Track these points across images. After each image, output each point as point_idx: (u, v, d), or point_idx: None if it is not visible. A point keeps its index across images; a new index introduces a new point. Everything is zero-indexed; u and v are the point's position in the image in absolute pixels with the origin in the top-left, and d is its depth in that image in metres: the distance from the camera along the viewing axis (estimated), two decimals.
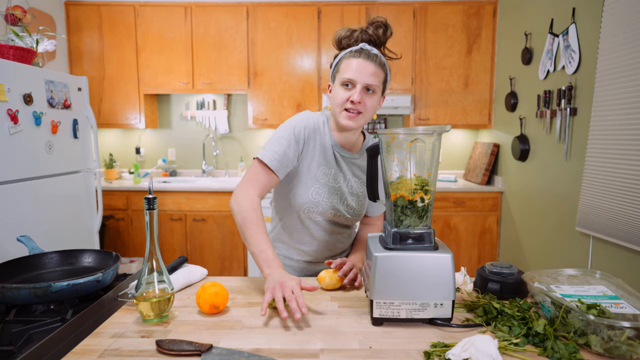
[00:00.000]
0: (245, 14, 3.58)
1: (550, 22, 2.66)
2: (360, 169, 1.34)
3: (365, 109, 1.17)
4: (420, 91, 3.63)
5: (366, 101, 1.17)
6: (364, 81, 1.14)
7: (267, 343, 0.88)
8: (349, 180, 1.31)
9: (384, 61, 1.18)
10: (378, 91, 1.18)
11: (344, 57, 1.17)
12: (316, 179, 1.26)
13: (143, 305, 0.96)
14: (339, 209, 1.30)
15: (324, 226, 1.32)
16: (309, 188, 1.26)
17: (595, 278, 1.03)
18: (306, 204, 1.26)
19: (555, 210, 2.63)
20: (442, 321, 0.95)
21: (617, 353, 0.79)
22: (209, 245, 3.51)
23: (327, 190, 1.27)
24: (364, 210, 1.38)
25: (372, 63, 1.14)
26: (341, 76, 1.17)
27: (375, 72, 1.14)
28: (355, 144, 1.32)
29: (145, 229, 0.96)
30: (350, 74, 1.14)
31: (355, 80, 1.14)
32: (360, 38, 1.17)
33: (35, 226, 2.28)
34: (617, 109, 2.03)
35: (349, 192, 1.31)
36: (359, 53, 1.15)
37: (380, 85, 1.18)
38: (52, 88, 2.42)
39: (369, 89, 1.16)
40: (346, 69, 1.15)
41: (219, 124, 4.00)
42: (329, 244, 1.36)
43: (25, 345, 0.84)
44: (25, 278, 1.13)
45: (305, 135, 1.24)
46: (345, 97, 1.16)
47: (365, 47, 1.15)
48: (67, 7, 3.61)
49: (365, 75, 1.14)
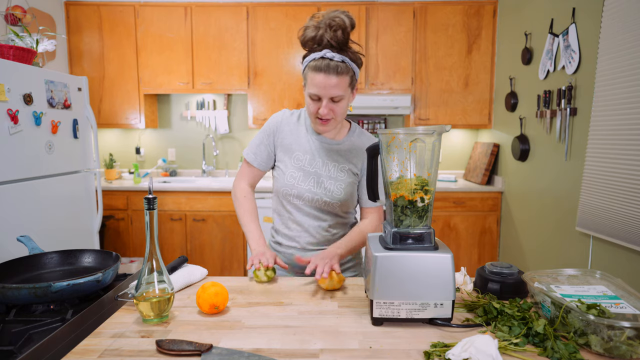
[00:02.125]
0: (245, 14, 3.58)
1: (550, 22, 2.66)
2: (341, 155, 1.38)
3: (335, 115, 1.26)
4: (420, 91, 3.63)
5: (335, 109, 1.25)
6: (328, 95, 1.22)
7: (267, 343, 0.88)
8: (327, 164, 1.37)
9: (347, 64, 1.22)
10: (346, 94, 1.25)
11: (309, 67, 1.23)
12: (290, 164, 1.37)
13: (143, 305, 0.96)
14: (316, 192, 1.36)
15: (306, 211, 1.39)
16: (284, 173, 1.37)
17: (595, 278, 1.03)
18: (282, 187, 1.38)
19: (555, 210, 2.63)
20: (442, 321, 0.95)
21: (617, 353, 0.79)
22: (209, 245, 3.51)
23: (302, 175, 1.36)
24: (347, 197, 1.38)
25: (334, 75, 1.20)
26: (308, 89, 1.25)
27: (338, 83, 1.21)
28: (338, 133, 1.40)
29: (145, 229, 0.96)
30: (315, 89, 1.22)
31: (320, 95, 1.22)
32: (323, 40, 1.20)
33: (35, 226, 2.28)
34: (617, 109, 2.03)
35: (327, 176, 1.36)
36: (321, 68, 1.19)
37: (346, 89, 1.24)
38: (52, 88, 2.42)
39: (335, 99, 1.23)
40: (311, 84, 1.23)
41: (219, 124, 4.00)
42: (315, 231, 1.40)
43: (25, 345, 0.84)
44: (25, 278, 1.13)
45: (275, 127, 1.39)
46: (314, 109, 1.26)
47: (327, 55, 1.20)
48: (67, 7, 3.61)
49: (329, 90, 1.21)
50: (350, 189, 1.38)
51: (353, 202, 1.44)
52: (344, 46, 1.22)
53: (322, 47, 1.21)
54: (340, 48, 1.22)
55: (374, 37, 3.57)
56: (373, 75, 3.62)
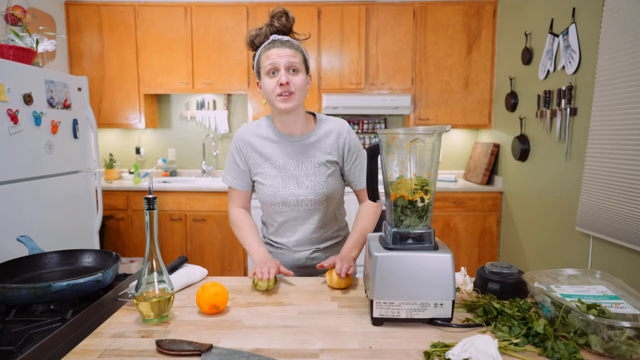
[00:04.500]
0: (245, 14, 3.58)
1: (550, 22, 2.66)
2: (314, 148, 1.36)
3: (295, 88, 1.26)
4: (420, 91, 3.63)
5: (294, 80, 1.26)
6: (285, 62, 1.24)
7: (267, 343, 0.88)
8: (302, 162, 1.36)
9: (297, 43, 1.28)
10: (302, 69, 1.27)
11: (261, 52, 1.28)
12: (266, 174, 1.37)
13: (143, 305, 0.96)
14: (300, 193, 1.36)
15: (294, 216, 1.39)
16: (263, 184, 1.37)
17: (595, 278, 1.03)
18: (266, 198, 1.38)
19: (555, 210, 2.63)
20: (442, 321, 0.95)
21: (617, 353, 0.79)
22: (209, 245, 3.51)
23: (280, 181, 1.36)
24: (331, 189, 1.37)
25: (287, 47, 1.25)
26: (264, 68, 1.26)
27: (292, 54, 1.25)
28: (305, 127, 1.37)
29: (145, 229, 0.96)
30: (271, 61, 1.24)
31: (277, 64, 1.24)
32: (268, 32, 1.28)
33: (35, 226, 2.28)
34: (617, 109, 2.03)
35: (304, 175, 1.36)
36: (273, 44, 1.26)
37: (301, 63, 1.27)
38: (52, 88, 2.42)
39: (292, 70, 1.25)
40: (266, 60, 1.25)
41: (219, 124, 4.00)
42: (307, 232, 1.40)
43: (25, 345, 0.84)
44: (25, 278, 1.13)
45: (241, 145, 1.39)
46: (273, 83, 1.26)
47: (276, 37, 1.27)
48: (67, 7, 3.61)
49: (285, 58, 1.24)
50: (332, 180, 1.37)
51: (340, 192, 1.43)
52: (289, 32, 1.30)
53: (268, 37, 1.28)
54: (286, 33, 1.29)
55: (374, 37, 3.57)
56: (373, 75, 3.62)
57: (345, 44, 3.58)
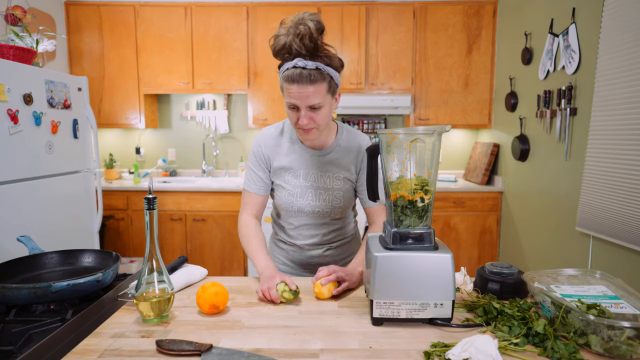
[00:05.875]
0: (245, 14, 3.58)
1: (550, 22, 2.66)
2: (334, 164, 1.35)
3: (316, 124, 1.22)
4: (420, 91, 3.63)
5: (315, 117, 1.20)
6: (305, 105, 1.17)
7: (267, 343, 0.88)
8: (322, 176, 1.35)
9: (320, 71, 1.15)
10: (325, 102, 1.19)
11: (283, 78, 1.18)
12: (286, 182, 1.36)
13: (143, 305, 0.96)
14: (316, 205, 1.36)
15: (305, 220, 1.40)
16: (284, 189, 1.36)
17: (595, 278, 1.03)
18: (282, 204, 1.38)
19: (555, 210, 2.63)
20: (442, 321, 0.95)
21: (617, 353, 0.79)
22: (209, 245, 3.51)
23: (299, 191, 1.35)
24: (346, 203, 1.38)
25: (309, 84, 1.14)
26: (286, 99, 1.20)
27: (315, 92, 1.16)
28: (327, 139, 1.36)
29: (145, 229, 0.96)
30: (292, 100, 1.18)
31: (297, 105, 1.18)
32: (292, 49, 1.15)
33: (35, 226, 2.28)
34: (617, 109, 2.03)
35: (324, 188, 1.35)
36: (294, 79, 1.14)
37: (324, 97, 1.18)
38: (52, 88, 2.42)
39: (314, 107, 1.18)
40: (288, 94, 1.18)
41: (219, 124, 4.00)
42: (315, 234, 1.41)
43: (25, 345, 0.84)
44: (25, 278, 1.13)
45: (262, 152, 1.36)
46: (294, 119, 1.22)
47: (299, 64, 1.14)
48: (67, 7, 3.61)
49: (305, 99, 1.16)
50: (348, 194, 1.38)
51: (351, 205, 1.45)
52: (315, 52, 1.16)
53: (293, 55, 1.16)
54: (311, 54, 1.15)
55: (374, 37, 3.57)
56: (373, 75, 3.62)
57: (345, 44, 3.58)
